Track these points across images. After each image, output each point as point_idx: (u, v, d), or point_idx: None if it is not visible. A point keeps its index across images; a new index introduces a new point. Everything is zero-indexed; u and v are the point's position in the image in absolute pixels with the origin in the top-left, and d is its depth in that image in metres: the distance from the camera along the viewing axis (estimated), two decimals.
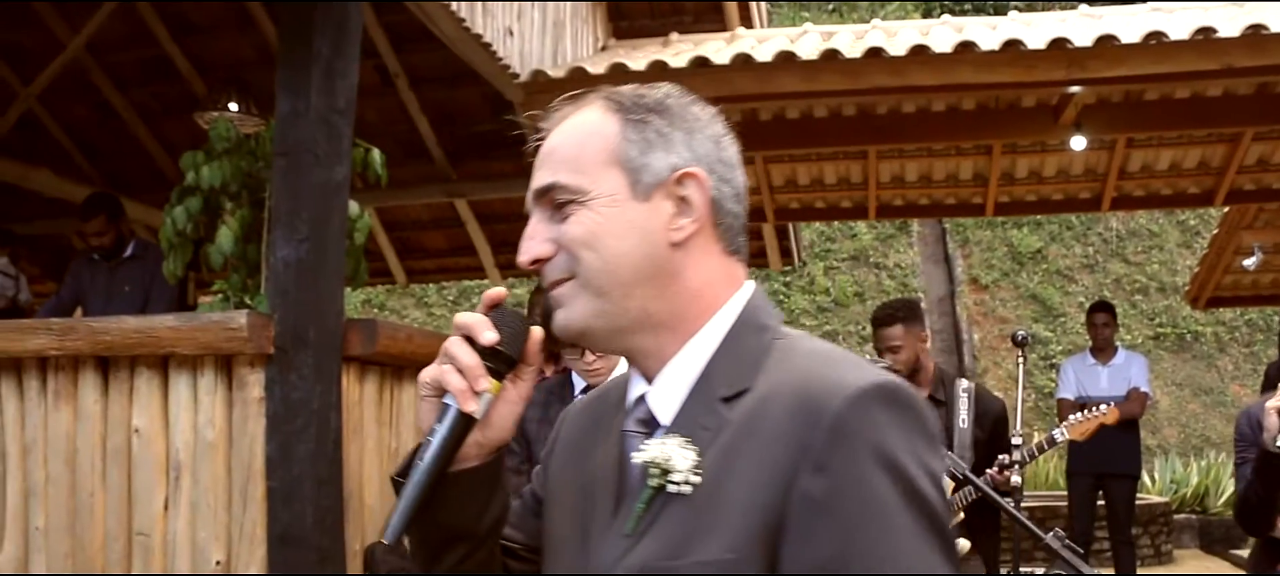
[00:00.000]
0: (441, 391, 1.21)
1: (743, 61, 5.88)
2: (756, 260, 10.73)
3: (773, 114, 7.29)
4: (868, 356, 3.05)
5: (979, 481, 2.88)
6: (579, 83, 5.95)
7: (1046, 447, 4.62)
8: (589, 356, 3.34)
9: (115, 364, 4.02)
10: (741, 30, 7.33)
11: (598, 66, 5.98)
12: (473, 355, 1.20)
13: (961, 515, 4.24)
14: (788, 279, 17.36)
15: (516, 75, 5.79)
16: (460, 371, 1.20)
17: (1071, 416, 4.72)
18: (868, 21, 7.19)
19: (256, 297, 4.16)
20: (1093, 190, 8.68)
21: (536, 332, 1.25)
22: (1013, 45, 5.70)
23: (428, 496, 1.19)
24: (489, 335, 1.20)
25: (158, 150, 9.06)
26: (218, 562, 3.82)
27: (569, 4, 6.63)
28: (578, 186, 1.19)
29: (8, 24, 7.69)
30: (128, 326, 4.00)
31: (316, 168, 3.90)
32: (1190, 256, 17.17)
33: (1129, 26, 5.73)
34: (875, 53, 5.86)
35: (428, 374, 1.22)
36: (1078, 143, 7.16)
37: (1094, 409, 4.70)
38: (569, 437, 1.36)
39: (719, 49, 6.27)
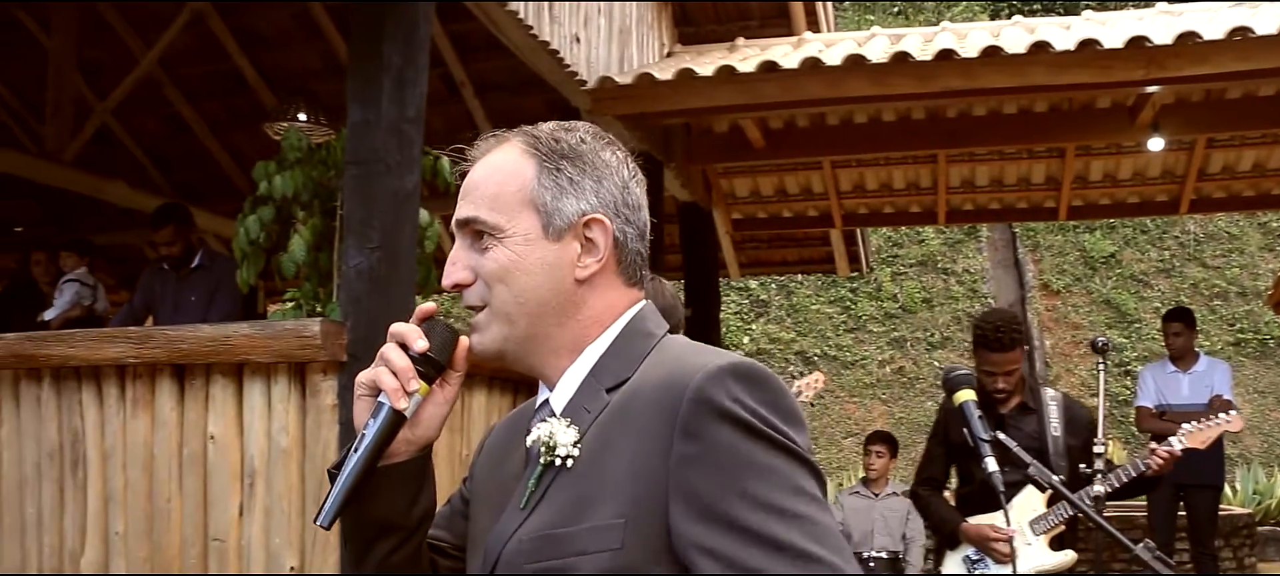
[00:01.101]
0: (376, 391, 1.32)
1: (811, 65, 5.81)
2: (824, 266, 10.64)
3: (840, 118, 7.23)
4: (941, 368, 2.98)
5: (1067, 492, 2.79)
6: (646, 89, 5.94)
7: (1169, 456, 4.11)
8: None
9: (191, 371, 4.06)
10: (808, 34, 7.27)
11: (665, 72, 5.95)
12: (405, 359, 1.32)
13: (1062, 527, 4.11)
14: (855, 285, 17.19)
15: (583, 82, 5.78)
16: (393, 373, 1.32)
17: (1186, 425, 4.28)
18: (935, 23, 7.08)
19: (329, 306, 4.18)
20: (1170, 193, 8.48)
21: (464, 342, 1.37)
22: (1089, 45, 5.56)
23: (360, 486, 1.29)
24: (420, 343, 1.32)
25: (227, 161, 9.21)
26: (292, 568, 3.84)
27: (635, 10, 6.61)
28: (495, 223, 1.32)
29: (85, 41, 7.87)
30: (203, 335, 4.03)
31: (388, 176, 3.90)
32: (1273, 260, 16.72)
33: (1211, 23, 5.56)
34: (946, 55, 5.76)
35: (365, 375, 1.34)
36: (1155, 144, 6.99)
37: (1211, 417, 4.33)
38: (491, 446, 1.49)
39: (786, 53, 6.21)
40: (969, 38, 6.29)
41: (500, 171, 1.34)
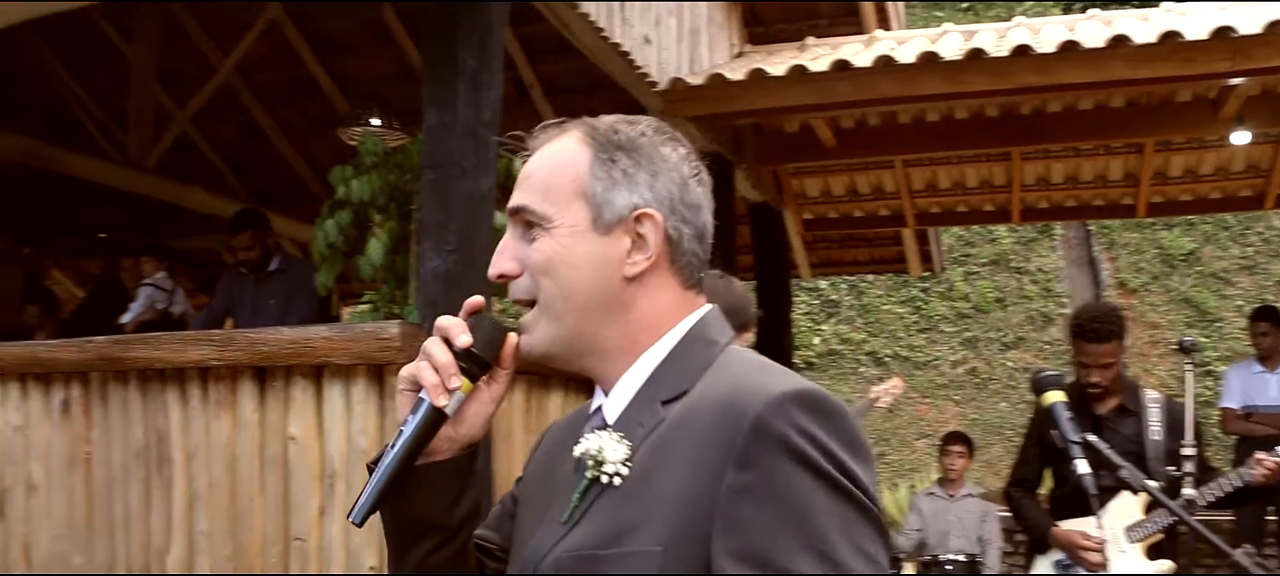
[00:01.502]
0: (418, 387, 1.27)
1: (884, 64, 5.75)
2: (896, 265, 10.54)
3: (912, 116, 7.15)
4: (1015, 368, 2.92)
5: (1163, 497, 2.71)
6: (717, 90, 5.92)
7: (1276, 467, 3.76)
8: None
9: (271, 373, 4.12)
10: (879, 32, 7.19)
11: (736, 73, 5.92)
12: (447, 354, 1.26)
13: (1161, 535, 3.93)
14: (926, 285, 16.99)
15: (654, 83, 5.78)
16: (435, 369, 1.26)
17: None
18: (1006, 18, 6.96)
19: (406, 308, 4.22)
20: (1255, 187, 8.24)
21: (512, 338, 1.31)
22: (1171, 37, 5.43)
23: (397, 482, 1.26)
24: (463, 338, 1.27)
25: (302, 166, 9.37)
26: (371, 567, 3.89)
27: (705, 10, 6.59)
28: (544, 213, 1.26)
29: (165, 52, 8.05)
30: (284, 337, 4.09)
31: (464, 179, 3.93)
32: None
33: None
34: (1022, 50, 5.67)
35: (407, 370, 1.28)
36: (1240, 137, 6.82)
37: None
38: (547, 447, 1.44)
39: (858, 52, 6.15)
40: (1043, 32, 6.18)
41: (555, 160, 1.29)
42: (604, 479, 1.19)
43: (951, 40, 6.21)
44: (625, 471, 1.19)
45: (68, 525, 4.58)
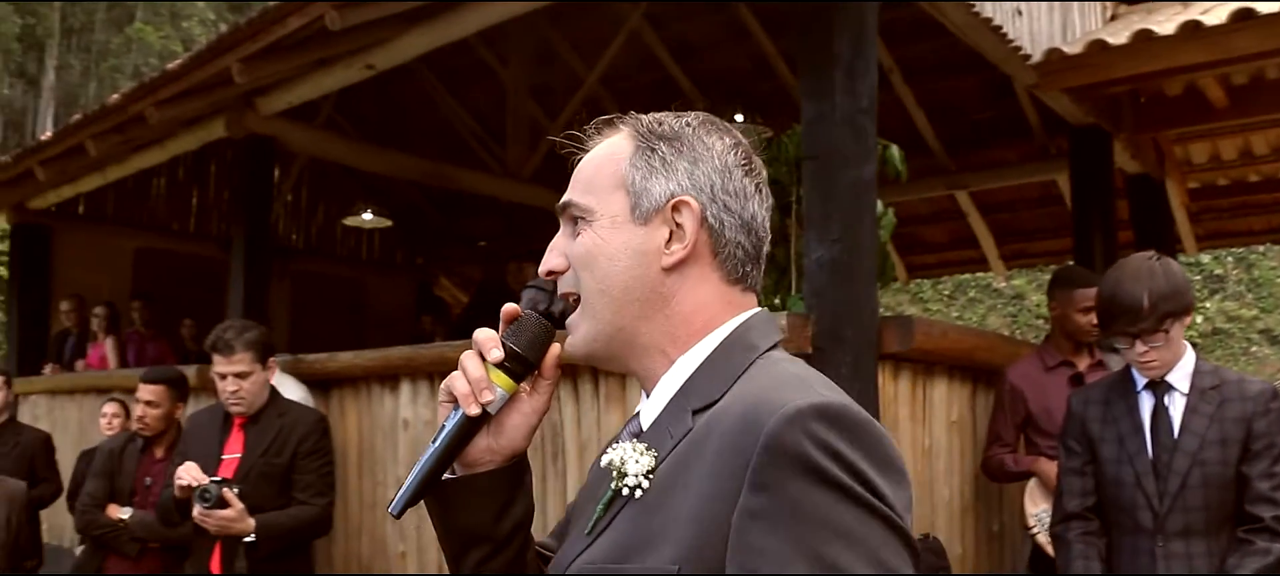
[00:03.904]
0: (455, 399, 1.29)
1: None
2: None
3: None
4: None
5: None
6: (1097, 57, 5.57)
7: None
8: (1140, 347, 3.03)
9: None
10: None
11: (1117, 37, 5.53)
12: (480, 368, 1.28)
13: None
14: None
15: (1028, 56, 5.51)
16: (469, 381, 1.27)
17: None
18: None
19: (790, 299, 4.26)
20: None
21: (556, 347, 1.31)
22: None
23: (430, 483, 1.28)
24: (495, 353, 1.28)
25: None
26: None
27: None
28: (586, 205, 1.27)
29: (537, 69, 8.61)
30: None
31: (846, 168, 3.92)
32: None
33: None
34: None
35: (445, 382, 1.30)
36: None
37: None
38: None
39: None
40: None
41: (601, 154, 1.30)
42: (625, 491, 1.18)
43: None
44: (645, 484, 1.17)
45: None
